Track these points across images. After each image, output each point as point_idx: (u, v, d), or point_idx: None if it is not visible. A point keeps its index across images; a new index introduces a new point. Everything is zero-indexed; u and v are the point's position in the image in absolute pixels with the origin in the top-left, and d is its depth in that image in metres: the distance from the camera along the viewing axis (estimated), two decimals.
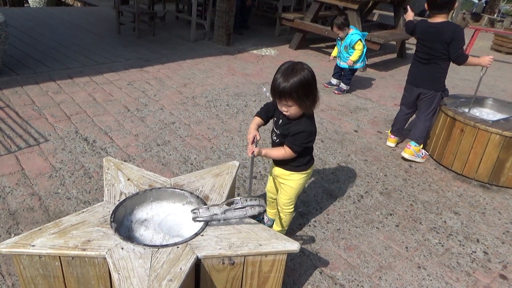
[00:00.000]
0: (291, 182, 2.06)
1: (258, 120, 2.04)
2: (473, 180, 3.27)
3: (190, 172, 2.82)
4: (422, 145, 3.49)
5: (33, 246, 1.51)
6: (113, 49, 5.71)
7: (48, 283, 1.59)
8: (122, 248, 1.54)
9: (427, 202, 2.91)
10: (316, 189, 2.91)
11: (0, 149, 2.93)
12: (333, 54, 5.14)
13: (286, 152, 1.92)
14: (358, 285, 2.09)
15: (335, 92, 5.04)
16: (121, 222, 1.77)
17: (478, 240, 2.55)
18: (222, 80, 5.01)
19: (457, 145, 3.28)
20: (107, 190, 1.90)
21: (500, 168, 3.14)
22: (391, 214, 2.72)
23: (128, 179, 1.98)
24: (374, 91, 5.36)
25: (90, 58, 5.18)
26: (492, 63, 3.17)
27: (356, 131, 4.00)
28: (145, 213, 1.88)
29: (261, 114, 2.05)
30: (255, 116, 2.06)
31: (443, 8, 3.12)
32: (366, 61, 5.15)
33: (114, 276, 1.43)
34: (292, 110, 1.82)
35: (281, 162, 2.03)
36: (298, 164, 2.01)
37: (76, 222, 1.66)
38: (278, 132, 1.98)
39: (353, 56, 4.78)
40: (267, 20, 9.38)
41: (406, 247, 2.42)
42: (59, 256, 1.51)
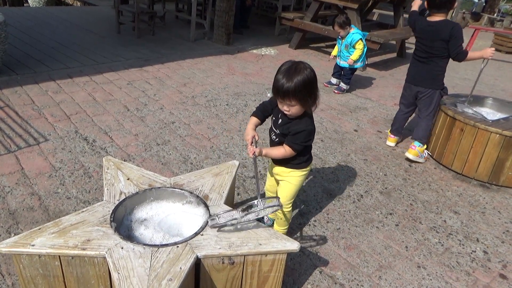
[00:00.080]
0: (291, 178, 2.07)
1: (254, 120, 2.04)
2: (473, 179, 3.27)
3: (190, 171, 2.81)
4: (425, 146, 3.49)
5: (33, 245, 1.51)
6: (113, 48, 5.71)
7: (48, 282, 1.59)
8: (122, 248, 1.54)
9: (427, 202, 2.91)
10: (316, 188, 2.91)
11: (0, 149, 2.93)
12: (333, 53, 5.14)
13: (286, 151, 1.93)
14: (358, 285, 2.09)
15: (335, 91, 5.04)
16: (121, 221, 1.77)
17: (478, 240, 2.56)
18: (222, 79, 5.01)
19: (457, 144, 3.28)
20: (107, 189, 1.90)
21: (500, 168, 3.14)
22: (391, 214, 2.72)
23: (128, 179, 1.98)
24: (374, 90, 5.36)
25: (90, 57, 5.18)
26: (494, 55, 3.17)
27: (356, 130, 4.00)
28: (144, 212, 1.88)
29: (257, 113, 2.05)
30: (251, 116, 2.06)
31: (442, 7, 3.12)
32: (366, 61, 5.15)
33: (114, 275, 1.44)
34: (294, 110, 1.82)
35: (281, 161, 2.04)
36: (299, 162, 2.02)
37: (75, 221, 1.66)
38: (277, 131, 1.98)
39: (354, 56, 4.78)
40: (267, 19, 9.38)
41: (406, 247, 2.42)
42: (59, 256, 1.51)
